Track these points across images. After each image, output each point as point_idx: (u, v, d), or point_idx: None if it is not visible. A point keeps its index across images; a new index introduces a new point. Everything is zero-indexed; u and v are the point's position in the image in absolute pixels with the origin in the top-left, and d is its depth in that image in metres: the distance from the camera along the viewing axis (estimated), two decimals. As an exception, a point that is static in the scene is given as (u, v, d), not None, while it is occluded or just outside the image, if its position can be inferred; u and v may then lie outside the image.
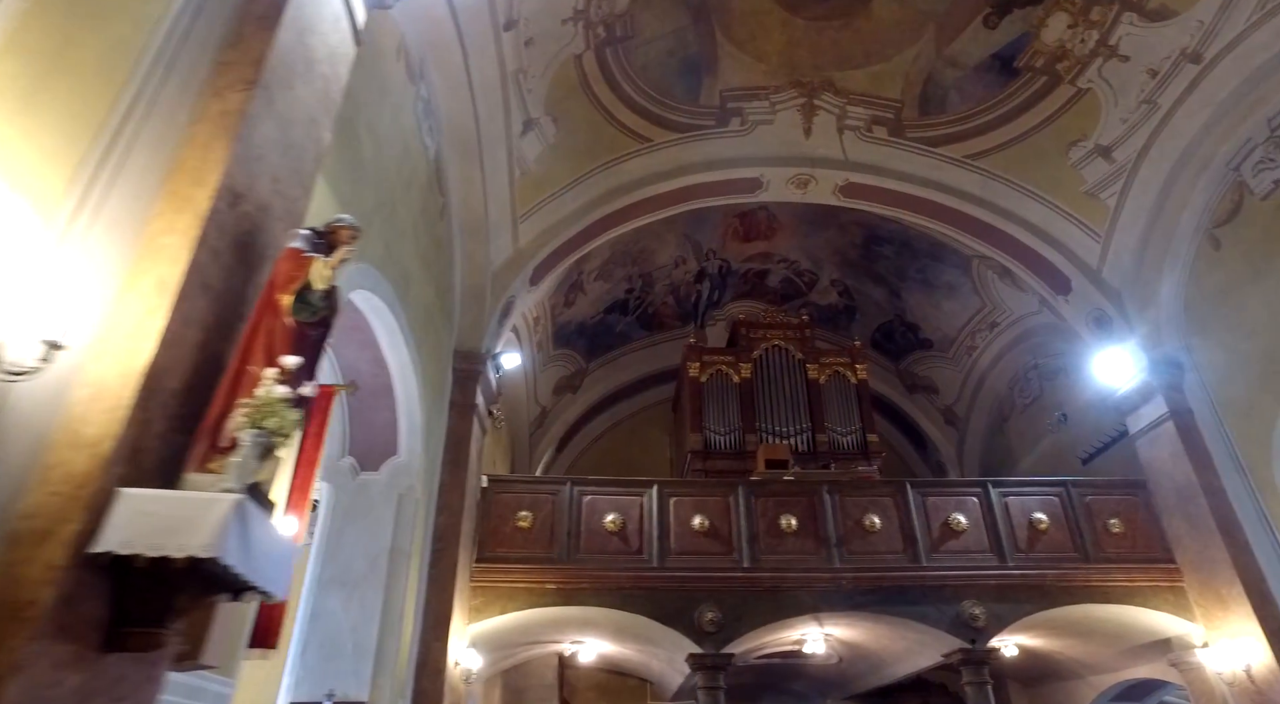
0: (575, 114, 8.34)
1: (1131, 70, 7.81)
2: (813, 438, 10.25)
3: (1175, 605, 7.57)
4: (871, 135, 9.38)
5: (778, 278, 12.87)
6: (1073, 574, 7.64)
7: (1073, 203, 8.86)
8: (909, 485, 8.04)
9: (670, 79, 8.85)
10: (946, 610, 7.43)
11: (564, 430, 12.84)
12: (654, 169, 9.25)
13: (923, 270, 11.25)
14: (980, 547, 7.76)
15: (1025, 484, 8.29)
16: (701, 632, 7.21)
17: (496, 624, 7.26)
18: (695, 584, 7.40)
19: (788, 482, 8.13)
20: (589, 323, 12.15)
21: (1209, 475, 7.55)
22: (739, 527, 7.71)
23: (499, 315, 8.35)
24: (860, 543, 7.70)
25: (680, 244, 11.92)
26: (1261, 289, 7.22)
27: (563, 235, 8.89)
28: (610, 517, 7.65)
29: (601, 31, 7.87)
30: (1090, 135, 8.41)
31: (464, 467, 7.19)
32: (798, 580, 7.47)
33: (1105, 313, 8.78)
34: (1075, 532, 7.88)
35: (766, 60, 9.03)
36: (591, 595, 7.29)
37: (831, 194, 9.91)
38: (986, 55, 8.53)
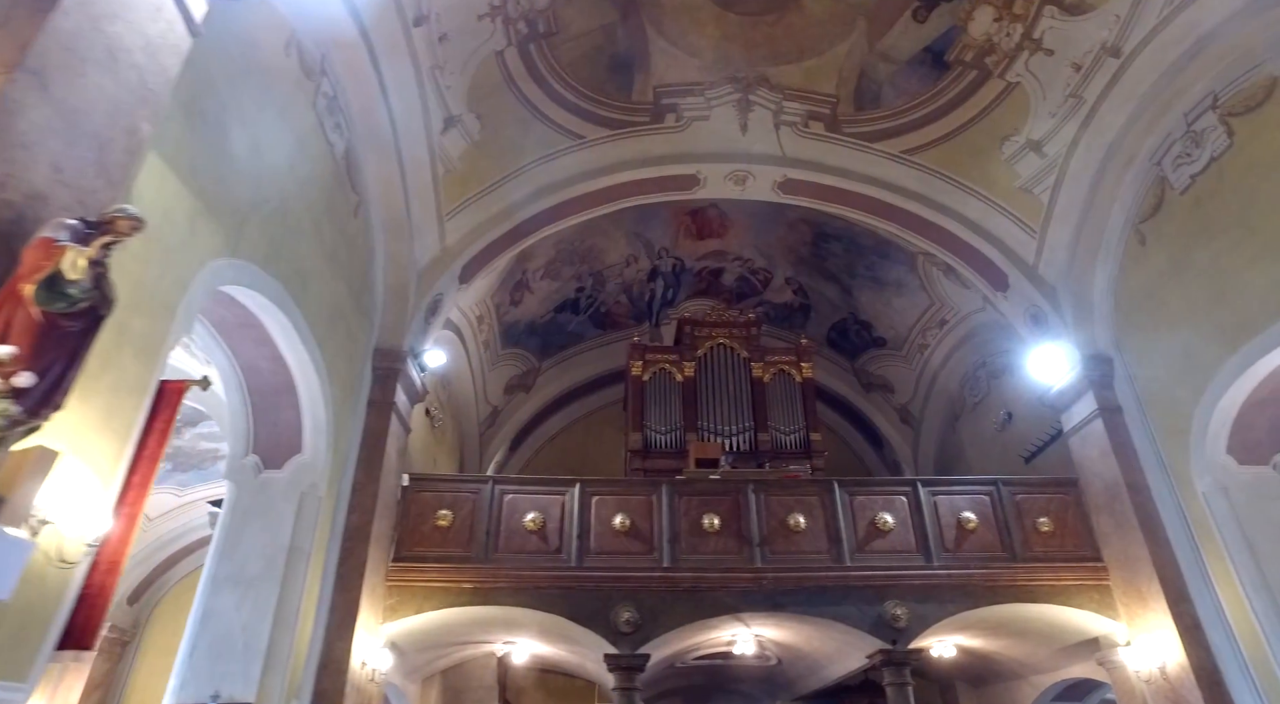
0: (501, 111, 8.35)
1: (1056, 64, 7.80)
2: (755, 437, 10.23)
3: (1100, 604, 7.55)
4: (808, 131, 9.37)
5: (733, 276, 12.87)
6: (999, 574, 7.62)
7: (1008, 198, 8.85)
8: (836, 485, 8.02)
9: (601, 75, 8.85)
10: (868, 611, 7.42)
11: (517, 430, 12.86)
12: (587, 166, 9.26)
13: (871, 267, 11.25)
14: (906, 546, 7.75)
15: (956, 483, 8.27)
16: (617, 632, 7.20)
17: (413, 624, 7.26)
18: (613, 584, 7.39)
19: (713, 481, 8.12)
20: (539, 322, 12.17)
21: (1134, 473, 7.54)
22: (661, 526, 7.70)
23: (425, 313, 8.35)
24: (784, 543, 7.69)
25: (630, 242, 11.92)
26: (1180, 285, 7.20)
27: (493, 233, 8.90)
28: (530, 516, 7.64)
29: (523, 28, 7.88)
30: (1021, 130, 8.40)
31: (379, 465, 7.18)
32: (717, 580, 7.46)
33: (1041, 310, 8.77)
34: (1004, 531, 7.86)
35: (700, 56, 9.02)
36: (508, 595, 7.28)
37: (770, 190, 9.91)
38: (918, 49, 8.53)
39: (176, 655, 5.60)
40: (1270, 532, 6.51)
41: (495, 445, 12.47)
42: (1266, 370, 6.42)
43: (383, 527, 7.21)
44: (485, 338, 11.33)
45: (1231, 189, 6.67)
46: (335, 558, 6.60)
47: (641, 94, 9.14)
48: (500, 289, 10.75)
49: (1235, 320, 6.54)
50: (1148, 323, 7.69)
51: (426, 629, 7.55)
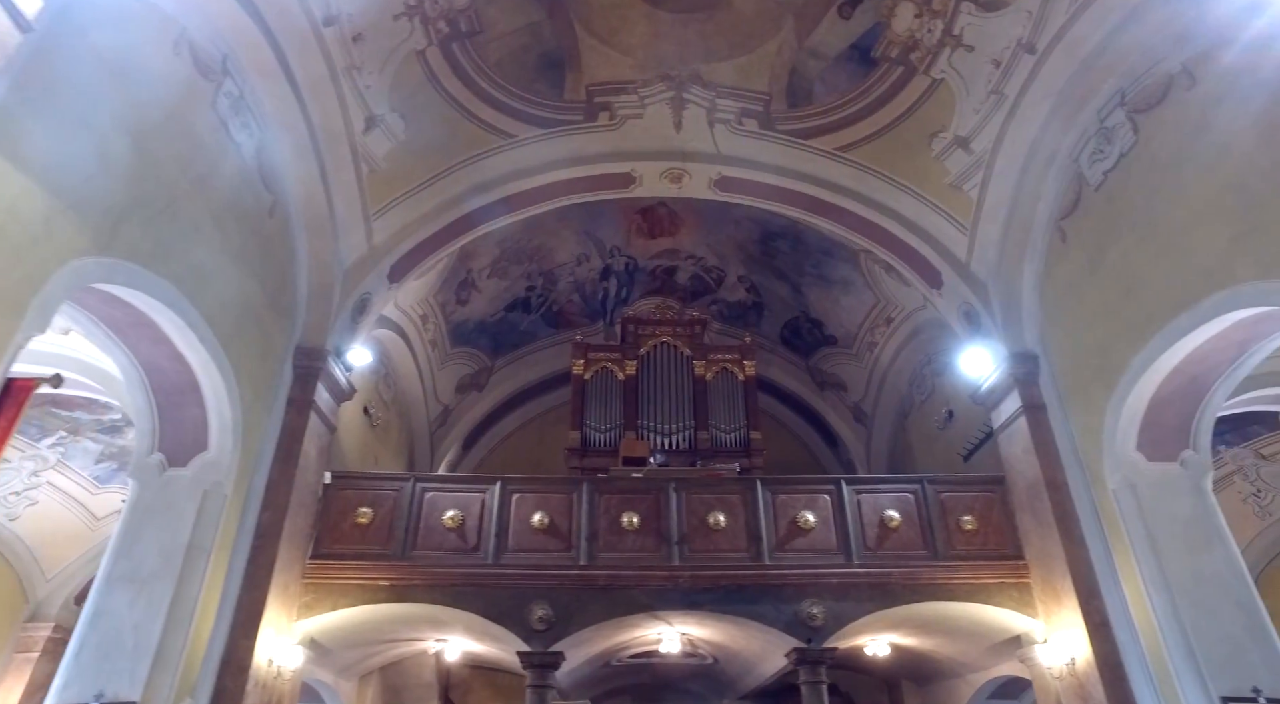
0: (427, 110, 8.41)
1: (977, 60, 7.82)
2: (694, 435, 10.28)
3: (1020, 602, 7.57)
4: (742, 128, 9.40)
5: (686, 275, 12.90)
6: (919, 572, 7.65)
7: (940, 195, 8.87)
8: (759, 483, 8.07)
9: (531, 74, 8.89)
10: (785, 609, 7.46)
11: (470, 429, 12.95)
12: (520, 165, 9.31)
13: (818, 266, 11.28)
14: (827, 545, 7.78)
15: (881, 481, 8.33)
16: (531, 630, 7.26)
17: (331, 621, 7.34)
18: (529, 581, 7.45)
19: (635, 479, 8.18)
20: (489, 321, 12.24)
21: (1053, 470, 7.56)
22: (579, 524, 7.75)
23: (352, 312, 8.43)
24: (703, 541, 7.74)
25: (580, 241, 11.98)
26: (1096, 281, 7.22)
27: (422, 232, 8.97)
28: (450, 513, 7.71)
29: (443, 27, 7.92)
30: (949, 126, 8.42)
31: (295, 463, 7.26)
32: (633, 578, 7.51)
33: (973, 307, 8.79)
34: (927, 529, 7.88)
35: (632, 54, 9.06)
36: (424, 592, 7.36)
37: (707, 188, 9.96)
38: (845, 46, 8.55)
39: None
40: (1173, 528, 6.53)
41: (447, 444, 12.55)
42: (1169, 366, 6.43)
43: (299, 524, 7.29)
44: (432, 337, 11.41)
45: (1137, 186, 6.69)
46: (244, 556, 6.68)
47: (573, 92, 9.18)
48: (443, 288, 10.83)
49: (1142, 316, 6.55)
50: (1069, 320, 7.70)
51: (347, 626, 7.63)
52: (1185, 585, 6.29)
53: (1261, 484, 10.26)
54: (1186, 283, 6.06)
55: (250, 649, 6.34)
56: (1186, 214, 6.09)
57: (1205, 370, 6.49)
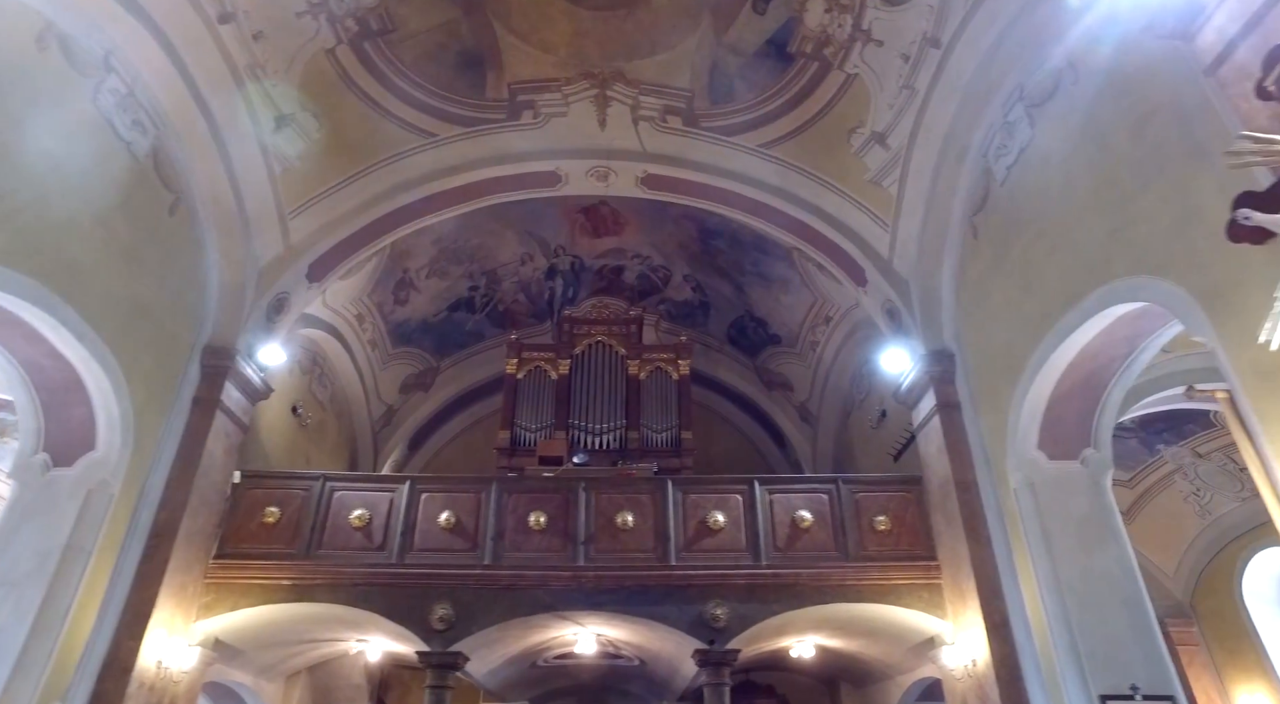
0: (341, 109, 8.37)
1: (887, 55, 7.72)
2: (625, 435, 10.20)
3: (929, 603, 7.46)
4: (667, 125, 9.33)
5: (633, 274, 12.82)
6: (829, 573, 7.54)
7: (861, 191, 8.78)
8: (670, 483, 7.98)
9: (450, 73, 8.84)
10: (689, 610, 7.37)
11: (416, 429, 12.90)
12: (442, 164, 9.26)
13: (756, 264, 11.19)
14: (736, 546, 7.69)
15: (795, 481, 8.23)
16: (431, 629, 7.19)
17: (232, 621, 7.30)
18: (432, 581, 7.39)
19: (545, 478, 8.11)
20: (432, 321, 12.19)
21: (964, 470, 7.45)
22: (486, 523, 7.69)
23: (267, 311, 8.39)
24: (610, 541, 7.66)
25: (523, 240, 11.92)
26: (1001, 277, 7.11)
27: (343, 231, 8.93)
28: (357, 512, 7.66)
29: (352, 25, 7.88)
30: (866, 122, 8.33)
31: (196, 463, 7.21)
32: (536, 578, 7.44)
33: (895, 305, 8.69)
34: (839, 530, 7.78)
35: (554, 52, 9.00)
36: (326, 592, 7.31)
37: (634, 186, 9.89)
38: (762, 41, 8.47)
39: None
40: (1069, 527, 6.42)
41: (392, 444, 12.50)
42: (1064, 363, 6.31)
43: (200, 523, 7.25)
44: (371, 337, 11.37)
45: (1034, 181, 6.58)
46: (136, 556, 6.63)
47: (496, 91, 9.12)
48: (378, 288, 10.78)
49: (1038, 313, 6.44)
50: (981, 317, 7.59)
51: (253, 626, 7.58)
52: (1075, 584, 6.18)
53: (1200, 483, 10.10)
54: (1074, 278, 5.95)
55: (135, 650, 6.29)
56: (1074, 209, 5.98)
57: (1099, 367, 6.37)
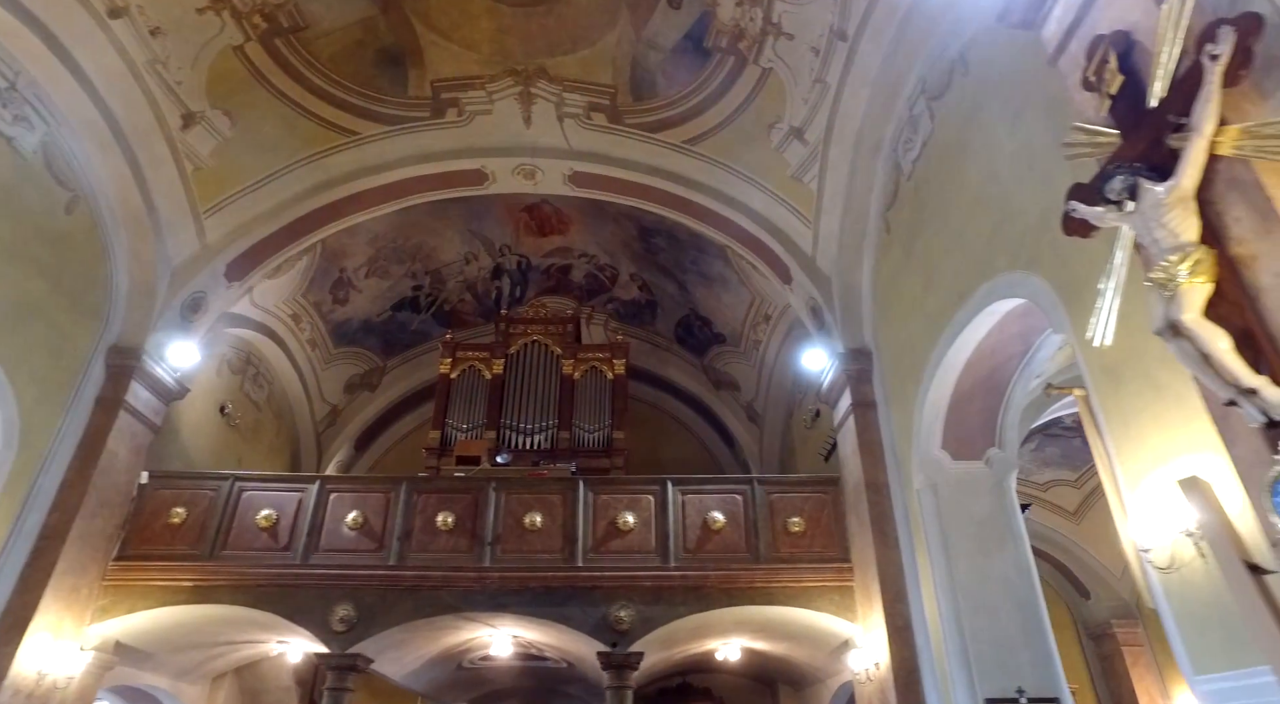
0: (256, 107, 8.25)
1: (798, 48, 7.55)
2: (556, 435, 10.04)
3: (840, 606, 7.29)
4: (591, 122, 9.19)
5: (581, 273, 12.67)
6: (738, 576, 7.38)
7: (784, 188, 8.61)
8: (582, 483, 7.84)
9: (370, 71, 8.71)
10: (592, 613, 7.22)
11: (362, 429, 12.78)
12: (365, 163, 9.14)
13: (695, 262, 11.03)
14: (645, 547, 7.53)
15: (709, 482, 8.05)
16: (331, 631, 7.06)
17: (133, 625, 7.19)
18: (335, 582, 7.27)
19: (456, 478, 7.98)
20: (376, 321, 12.06)
21: (875, 471, 7.28)
22: (394, 523, 7.55)
23: (181, 311, 8.27)
24: (517, 542, 7.52)
25: (466, 240, 11.78)
26: (909, 274, 6.94)
27: (262, 230, 8.81)
28: (264, 513, 7.54)
29: (260, 22, 7.75)
30: (783, 117, 8.16)
31: (95, 463, 7.10)
32: (441, 579, 7.30)
33: (818, 303, 8.52)
34: (751, 531, 7.62)
35: (477, 49, 8.86)
36: (227, 593, 7.19)
37: (562, 184, 9.76)
38: (680, 36, 8.32)
39: None
40: (968, 529, 6.25)
41: (337, 445, 12.39)
42: (961, 361, 6.14)
43: (100, 525, 7.14)
44: (310, 337, 11.25)
45: (934, 175, 6.42)
46: (20, 559, 6.52)
47: (418, 89, 8.99)
48: (313, 288, 10.66)
49: (937, 309, 6.27)
50: (893, 314, 7.42)
51: (158, 629, 7.47)
52: (970, 587, 6.01)
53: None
54: (964, 275, 5.79)
55: (10, 657, 6.15)
56: (965, 204, 5.81)
57: (998, 366, 6.20)
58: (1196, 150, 2.95)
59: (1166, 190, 3.02)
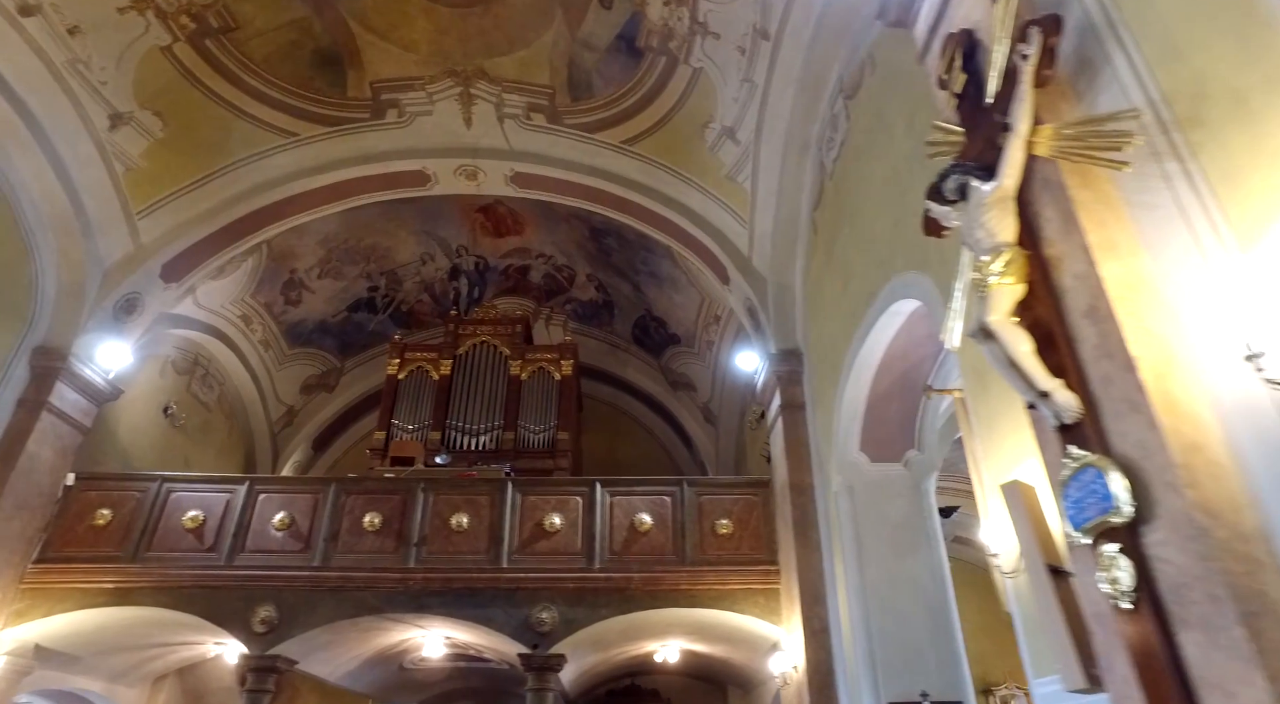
0: (188, 108, 8.16)
1: (725, 48, 7.46)
2: (500, 436, 9.96)
3: (766, 609, 7.19)
4: (531, 123, 9.10)
5: (539, 273, 12.59)
6: (662, 578, 7.27)
7: (720, 188, 8.51)
8: (510, 485, 7.74)
9: (308, 71, 8.62)
10: (515, 614, 7.13)
11: (320, 429, 12.70)
12: (306, 164, 9.06)
13: (646, 262, 10.93)
14: (571, 548, 7.43)
15: (638, 483, 7.93)
16: (251, 632, 6.97)
17: (53, 628, 7.10)
18: (259, 583, 7.18)
19: (385, 479, 7.89)
20: (331, 322, 11.98)
21: (800, 473, 7.18)
22: (321, 524, 7.47)
23: (114, 312, 8.19)
24: (443, 543, 7.43)
25: (421, 240, 11.71)
26: (830, 273, 6.84)
27: (200, 232, 8.73)
28: (191, 514, 7.46)
29: (187, 22, 7.67)
30: (716, 117, 8.06)
31: (12, 466, 7.02)
32: (364, 580, 7.21)
33: (754, 303, 8.42)
34: (678, 533, 7.51)
35: (416, 50, 8.78)
36: (148, 595, 7.10)
37: (504, 185, 9.68)
38: (613, 36, 8.23)
39: None
40: (882, 532, 6.14)
41: (294, 445, 12.30)
42: (875, 361, 6.03)
43: (18, 527, 7.06)
44: (263, 338, 11.17)
45: (850, 175, 6.32)
46: (-65, 560, 6.44)
47: (358, 90, 8.91)
48: (262, 289, 10.58)
49: (850, 309, 6.17)
50: (818, 314, 7.32)
51: (82, 632, 7.38)
52: (881, 589, 5.90)
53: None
54: (872, 274, 5.68)
55: (-84, 658, 6.09)
56: (873, 204, 5.71)
57: (912, 366, 6.09)
58: (1013, 150, 2.86)
59: (988, 190, 2.93)
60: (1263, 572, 1.96)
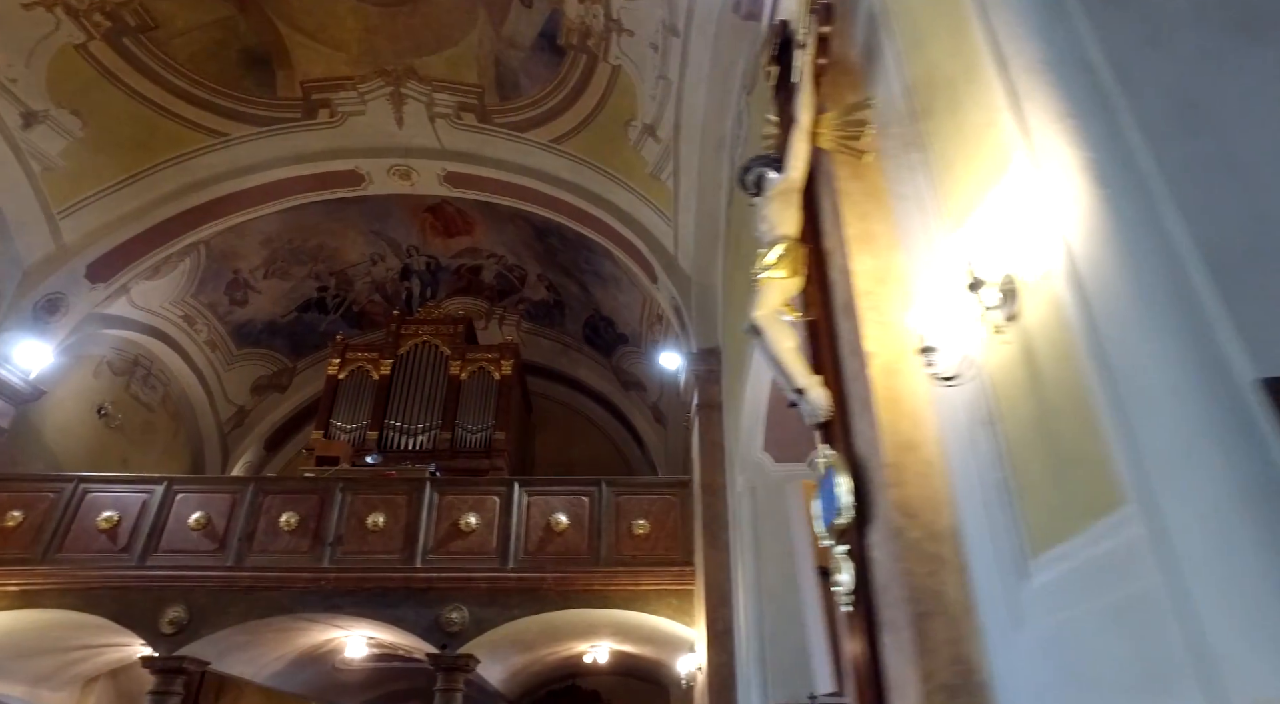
0: (109, 107, 8.06)
1: (639, 45, 7.33)
2: (437, 436, 9.85)
3: (678, 610, 7.06)
4: (462, 122, 8.99)
5: (491, 273, 12.47)
6: (574, 578, 7.14)
7: (645, 185, 8.39)
8: (428, 484, 7.61)
9: (236, 71, 8.52)
10: (426, 614, 7.01)
11: (273, 430, 12.59)
12: (237, 164, 8.95)
13: (589, 262, 10.81)
14: (485, 548, 7.31)
15: (557, 483, 7.82)
16: (159, 633, 6.87)
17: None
18: (170, 583, 7.06)
19: (304, 479, 7.78)
20: (281, 322, 11.88)
21: (712, 473, 7.05)
22: (237, 523, 7.36)
23: (34, 312, 8.09)
24: (358, 543, 7.31)
25: (370, 241, 11.61)
26: (739, 269, 6.66)
27: (126, 232, 8.61)
28: (106, 514, 7.35)
29: (101, 20, 7.55)
30: (637, 114, 7.94)
31: (-82, 466, 6.92)
32: (276, 580, 7.10)
33: (678, 301, 8.29)
34: (594, 534, 7.39)
35: (346, 49, 8.67)
36: (55, 597, 6.99)
37: (438, 184, 9.57)
38: (536, 34, 8.12)
39: None
40: (781, 534, 6.00)
41: (245, 445, 12.19)
42: (770, 361, 5.91)
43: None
44: (209, 338, 11.07)
45: (748, 170, 6.18)
46: None
47: (288, 90, 8.80)
48: (204, 289, 10.47)
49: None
50: (731, 311, 7.18)
51: (-2, 632, 7.28)
52: (776, 591, 5.74)
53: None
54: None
55: None
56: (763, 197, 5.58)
57: (809, 364, 5.96)
58: (795, 141, 2.76)
59: (777, 182, 2.83)
60: (944, 571, 1.85)
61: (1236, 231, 1.29)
